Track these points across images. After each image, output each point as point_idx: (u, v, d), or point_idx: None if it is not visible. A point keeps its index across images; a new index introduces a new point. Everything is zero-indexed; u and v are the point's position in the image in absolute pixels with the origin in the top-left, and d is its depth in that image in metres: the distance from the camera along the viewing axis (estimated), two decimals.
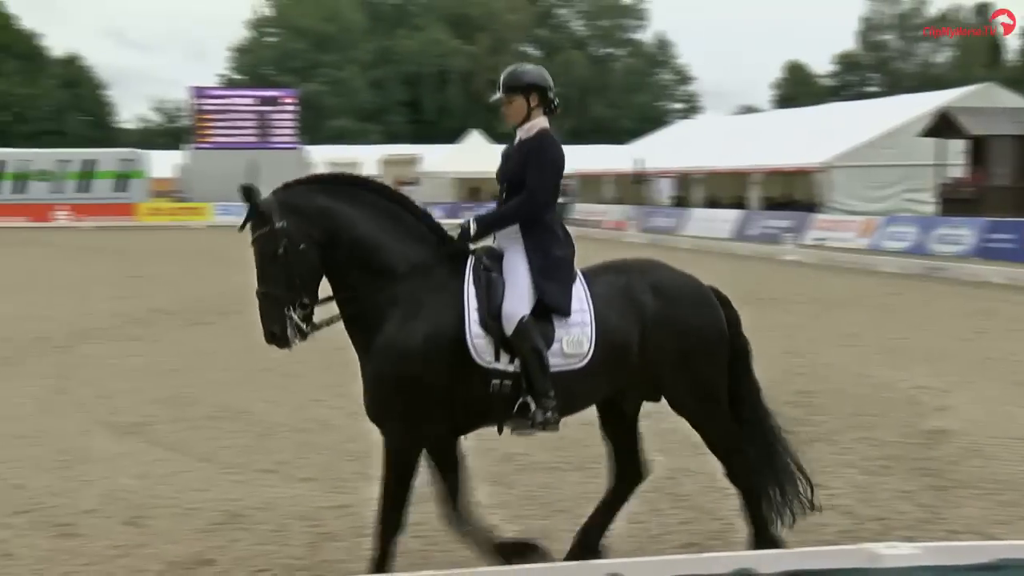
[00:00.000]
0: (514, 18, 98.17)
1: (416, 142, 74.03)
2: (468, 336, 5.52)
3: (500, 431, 5.89)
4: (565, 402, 5.65)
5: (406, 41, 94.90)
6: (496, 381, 5.57)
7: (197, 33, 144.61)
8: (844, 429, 9.69)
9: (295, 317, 5.49)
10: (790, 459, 6.16)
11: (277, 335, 5.51)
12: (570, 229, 6.14)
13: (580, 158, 60.55)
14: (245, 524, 7.04)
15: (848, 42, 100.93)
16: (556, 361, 5.61)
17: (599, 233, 42.74)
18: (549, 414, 5.56)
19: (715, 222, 42.43)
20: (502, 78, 6.06)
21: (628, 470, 6.27)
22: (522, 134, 5.99)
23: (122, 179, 55.04)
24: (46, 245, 36.71)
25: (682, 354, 5.83)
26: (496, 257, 5.83)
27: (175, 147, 68.42)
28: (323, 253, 5.57)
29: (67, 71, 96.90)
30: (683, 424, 6.15)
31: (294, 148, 58.07)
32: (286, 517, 7.13)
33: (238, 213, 5.50)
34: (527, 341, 5.51)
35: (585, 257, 6.03)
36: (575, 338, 5.65)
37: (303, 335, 5.54)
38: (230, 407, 10.73)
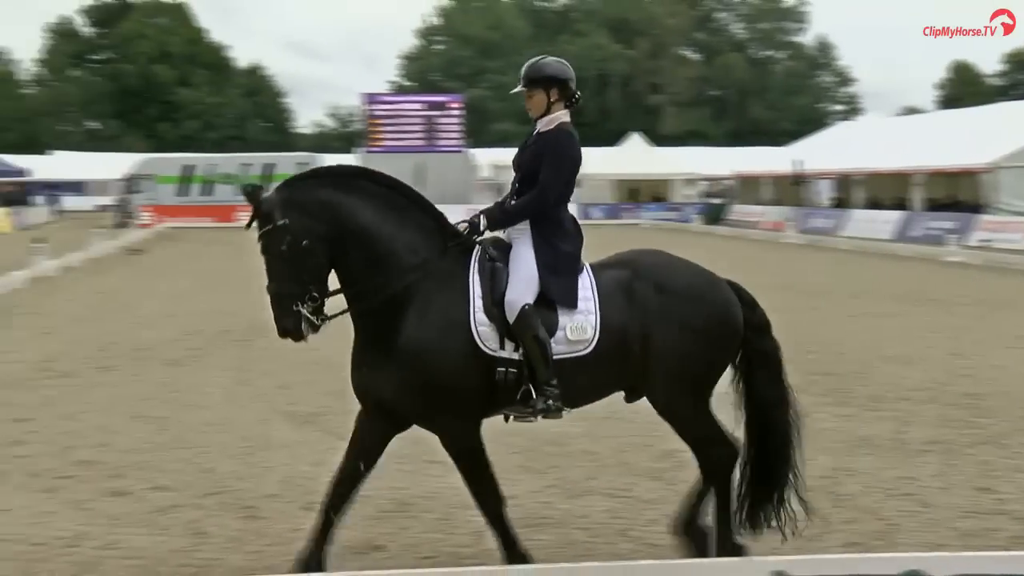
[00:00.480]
0: (674, 22, 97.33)
1: None
2: (473, 324, 5.49)
3: (507, 419, 5.85)
4: (571, 391, 5.60)
5: (568, 47, 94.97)
6: (502, 369, 5.51)
7: (370, 43, 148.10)
8: (1013, 432, 9.32)
9: (305, 311, 5.50)
10: (798, 472, 5.98)
11: (290, 330, 5.53)
12: (728, 230, 6.08)
13: (738, 160, 59.84)
14: (413, 512, 7.17)
15: (1018, 40, 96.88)
16: (561, 348, 5.54)
17: (756, 234, 42.06)
18: (550, 402, 5.52)
19: (876, 223, 41.31)
20: (523, 70, 5.95)
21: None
22: (541, 127, 5.89)
23: None
24: (228, 244, 37.99)
25: (681, 350, 5.62)
26: (503, 248, 5.79)
27: (348, 151, 70.12)
28: (328, 246, 5.53)
29: (250, 81, 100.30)
30: (845, 424, 6.01)
31: (459, 151, 58.81)
32: (451, 507, 7.22)
33: None
34: (529, 329, 5.46)
35: (737, 258, 5.96)
36: (579, 324, 5.57)
37: (315, 328, 5.57)
38: None
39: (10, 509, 7.19)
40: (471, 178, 58.44)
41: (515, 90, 5.94)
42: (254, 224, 5.52)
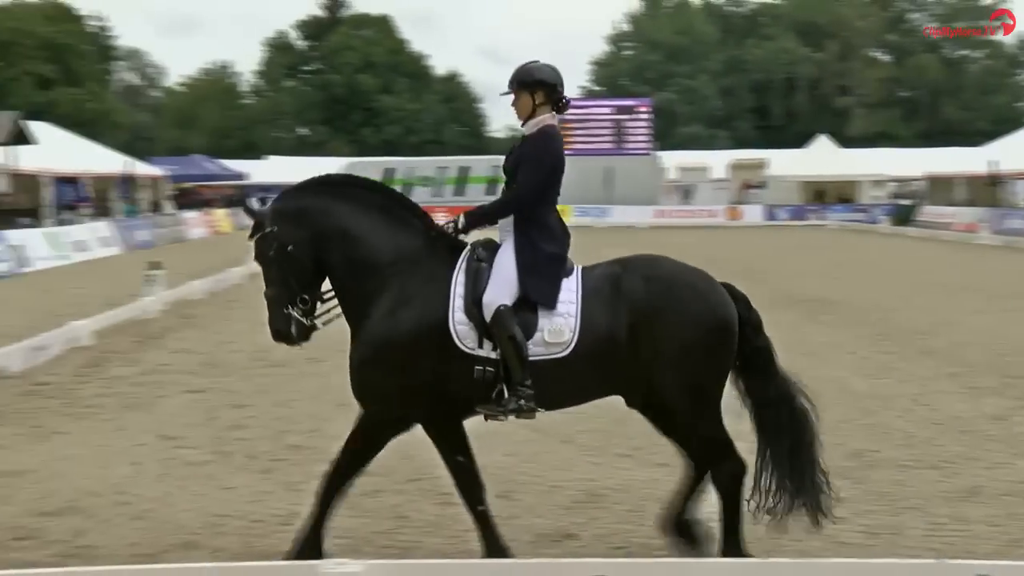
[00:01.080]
0: (864, 24, 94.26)
1: (764, 147, 72.62)
2: (451, 322, 5.45)
3: (486, 418, 5.76)
4: (548, 392, 5.48)
5: (755, 50, 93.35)
6: (480, 368, 5.45)
7: (561, 49, 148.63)
8: None
9: (295, 314, 5.58)
10: (815, 468, 5.72)
11: (281, 331, 5.64)
12: (918, 231, 5.83)
13: (929, 160, 57.45)
14: (604, 503, 7.18)
15: None
16: (538, 350, 5.44)
17: (948, 235, 40.33)
18: (522, 402, 5.42)
19: None
20: (512, 74, 5.86)
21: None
22: (527, 130, 5.82)
23: (492, 183, 57.42)
24: None
25: (677, 349, 5.42)
26: (492, 249, 5.71)
27: None
28: (313, 250, 5.62)
29: (447, 88, 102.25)
30: None
31: (647, 154, 58.47)
32: (642, 499, 7.20)
33: (595, 215, 5.64)
34: (504, 329, 5.37)
35: (926, 258, 5.71)
36: (557, 327, 5.45)
37: (307, 331, 5.67)
38: None
39: (233, 487, 7.54)
40: (658, 181, 58.07)
41: (503, 93, 5.93)
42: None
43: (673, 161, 61.95)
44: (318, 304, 5.75)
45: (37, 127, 36.56)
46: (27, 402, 10.69)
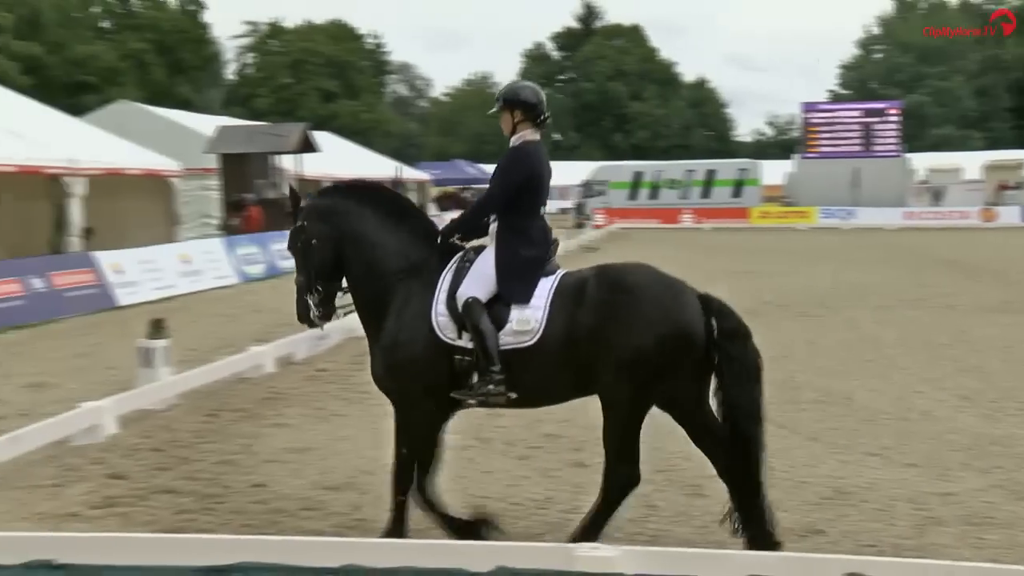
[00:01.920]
0: None
1: (1021, 147, 68.07)
2: (434, 314, 5.69)
3: (461, 405, 5.88)
4: (521, 380, 5.62)
5: (1016, 49, 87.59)
6: (458, 357, 5.66)
7: (808, 54, 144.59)
8: None
9: (311, 301, 5.98)
10: (764, 494, 5.56)
11: (301, 315, 6.10)
12: None
13: None
14: (852, 501, 6.91)
15: None
16: (508, 339, 5.61)
17: None
18: (491, 387, 5.57)
19: None
20: (499, 92, 6.19)
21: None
22: (512, 143, 6.10)
23: (738, 186, 56.38)
24: (672, 243, 38.55)
25: (632, 342, 5.42)
26: (481, 252, 5.93)
27: (784, 157, 68.82)
28: (333, 247, 5.97)
29: (695, 93, 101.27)
30: None
31: (896, 156, 55.93)
32: (891, 499, 6.89)
33: (841, 216, 5.43)
34: (472, 318, 5.57)
35: None
36: (525, 317, 5.61)
37: (322, 318, 6.03)
38: (834, 393, 10.58)
39: (491, 472, 7.72)
40: (907, 182, 55.43)
41: (490, 112, 6.26)
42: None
43: (923, 163, 59.04)
44: (337, 296, 6.15)
45: (321, 136, 38.61)
46: (310, 386, 11.31)
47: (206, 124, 36.77)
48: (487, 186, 6.21)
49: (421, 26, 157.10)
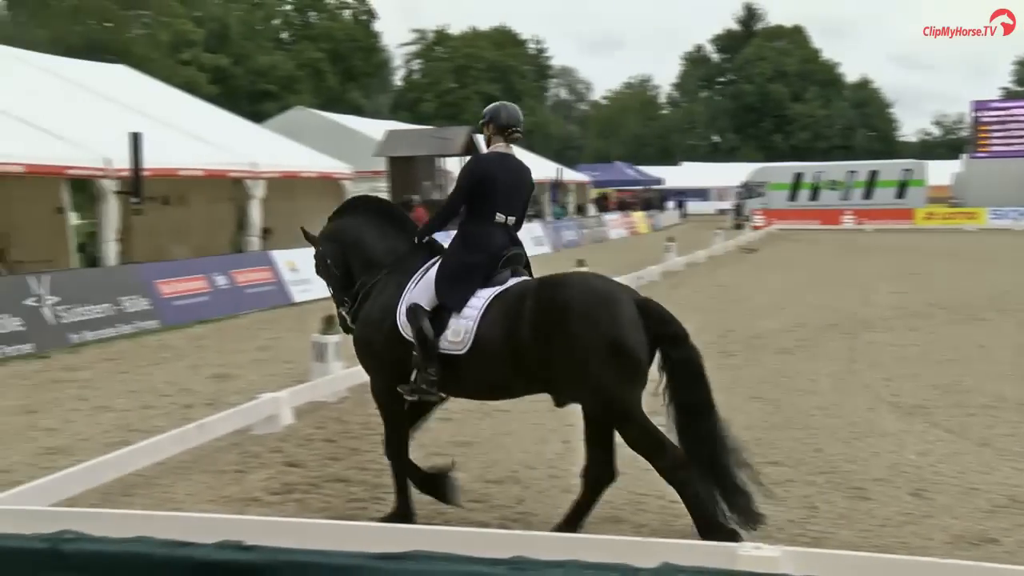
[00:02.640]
0: None
1: None
2: (399, 315, 6.13)
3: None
4: (456, 381, 5.99)
5: None
6: (415, 353, 6.00)
7: (979, 52, 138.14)
8: None
9: (343, 313, 6.73)
10: (737, 476, 5.65)
11: (342, 327, 6.96)
12: None
13: None
14: None
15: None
16: (445, 344, 5.93)
17: None
18: (423, 385, 5.97)
19: None
20: None
21: (599, 473, 5.95)
22: None
23: (902, 187, 54.35)
24: (832, 244, 37.48)
25: (573, 360, 5.56)
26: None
27: (952, 157, 66.05)
28: (344, 261, 6.65)
29: (858, 94, 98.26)
30: None
31: None
32: None
33: (1014, 217, 5.14)
34: (413, 322, 6.01)
35: None
36: (458, 327, 5.89)
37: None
38: (1006, 398, 10.08)
39: (650, 470, 7.62)
40: None
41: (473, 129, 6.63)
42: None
43: None
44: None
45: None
46: None
47: (375, 128, 37.70)
48: (640, 187, 6.43)
49: (581, 30, 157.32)
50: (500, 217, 6.21)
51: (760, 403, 10.02)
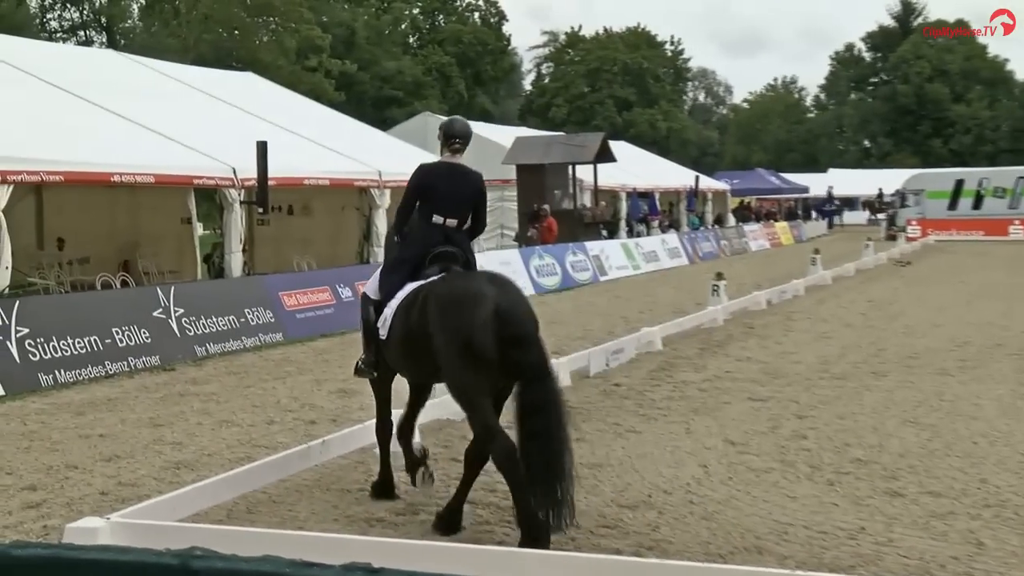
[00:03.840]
0: None
1: None
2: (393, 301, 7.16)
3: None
4: (383, 362, 7.35)
5: None
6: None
7: None
8: None
9: None
10: (562, 483, 6.07)
11: None
12: None
13: None
14: None
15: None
16: (382, 331, 7.13)
17: None
18: (362, 365, 7.57)
19: None
20: None
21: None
22: None
23: None
24: (996, 257, 36.11)
25: (441, 349, 6.44)
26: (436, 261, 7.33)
27: None
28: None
29: None
30: None
31: None
32: None
33: None
34: (362, 309, 7.53)
35: None
36: (384, 316, 7.11)
37: None
38: None
39: (795, 497, 7.49)
40: None
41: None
42: None
43: None
44: None
45: (617, 146, 39.04)
46: (606, 400, 11.42)
47: (504, 135, 38.02)
48: (784, 196, 6.72)
49: (722, 30, 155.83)
50: (438, 219, 7.27)
51: (916, 428, 9.71)
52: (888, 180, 63.28)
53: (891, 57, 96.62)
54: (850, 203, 72.86)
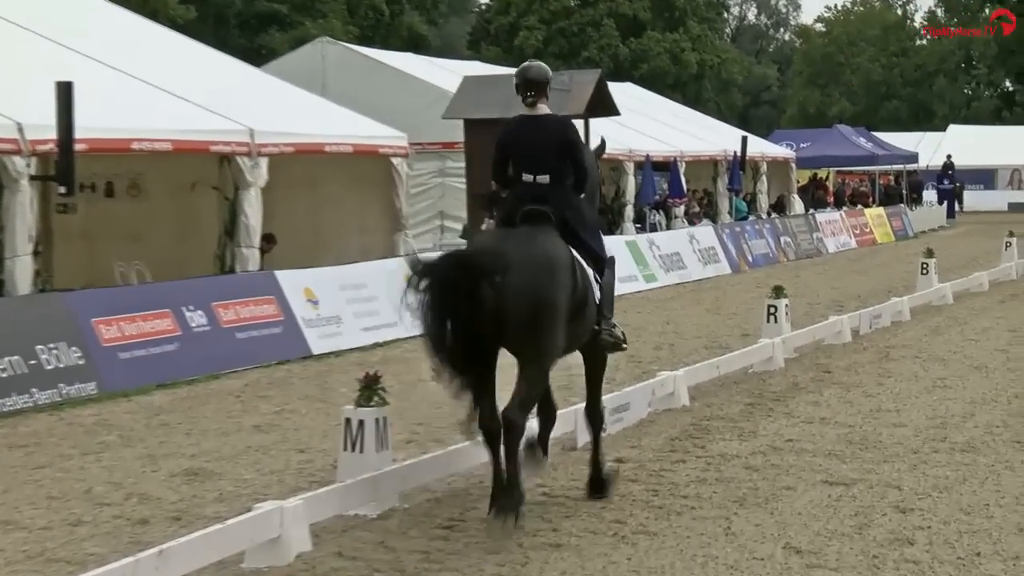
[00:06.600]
0: None
1: None
2: None
3: None
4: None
5: None
6: None
7: None
8: None
9: None
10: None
11: None
12: None
13: None
14: None
15: None
16: None
17: None
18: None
19: None
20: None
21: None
22: None
23: None
24: None
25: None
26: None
27: None
28: None
29: None
30: None
31: None
32: None
33: None
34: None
35: None
36: None
37: None
38: None
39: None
40: None
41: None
42: None
43: None
44: None
45: (620, 90, 39.23)
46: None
47: (447, 74, 37.36)
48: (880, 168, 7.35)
49: None
50: (527, 177, 10.33)
51: None
52: None
53: None
54: (982, 177, 73.26)
